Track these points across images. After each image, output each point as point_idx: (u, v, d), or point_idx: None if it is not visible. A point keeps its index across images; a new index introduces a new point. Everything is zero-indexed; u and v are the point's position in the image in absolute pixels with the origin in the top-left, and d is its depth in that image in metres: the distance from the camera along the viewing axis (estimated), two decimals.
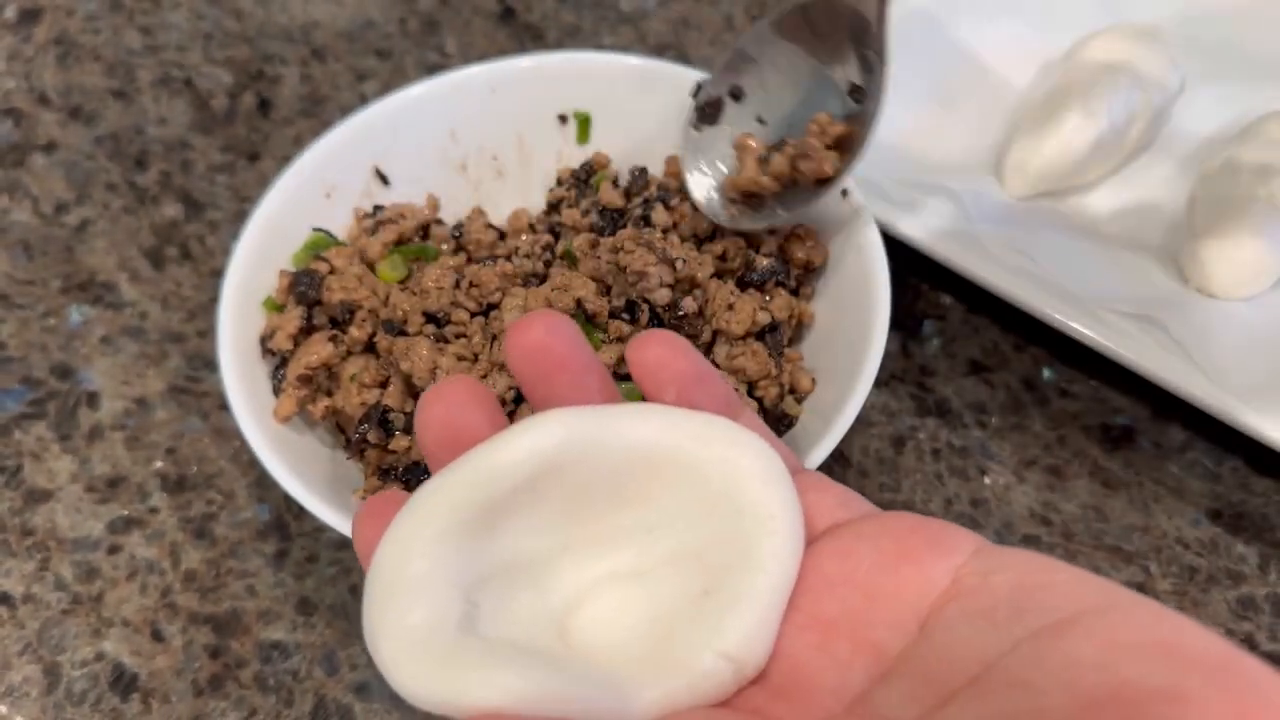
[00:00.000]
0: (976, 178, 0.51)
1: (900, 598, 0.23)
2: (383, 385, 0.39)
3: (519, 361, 0.26)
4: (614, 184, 0.44)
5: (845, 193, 0.42)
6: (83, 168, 0.54)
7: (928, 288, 0.51)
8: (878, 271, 0.40)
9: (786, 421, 0.40)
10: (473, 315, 0.40)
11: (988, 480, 0.46)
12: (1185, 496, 0.45)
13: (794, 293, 0.42)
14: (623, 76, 0.46)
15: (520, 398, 0.39)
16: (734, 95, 0.43)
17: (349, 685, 0.40)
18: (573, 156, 0.48)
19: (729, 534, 0.25)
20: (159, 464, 0.45)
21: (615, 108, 0.47)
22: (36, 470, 0.45)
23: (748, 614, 0.24)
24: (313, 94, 0.58)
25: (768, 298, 0.41)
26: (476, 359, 0.39)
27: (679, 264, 0.39)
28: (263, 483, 0.44)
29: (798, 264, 0.42)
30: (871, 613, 0.24)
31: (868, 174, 0.49)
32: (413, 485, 0.39)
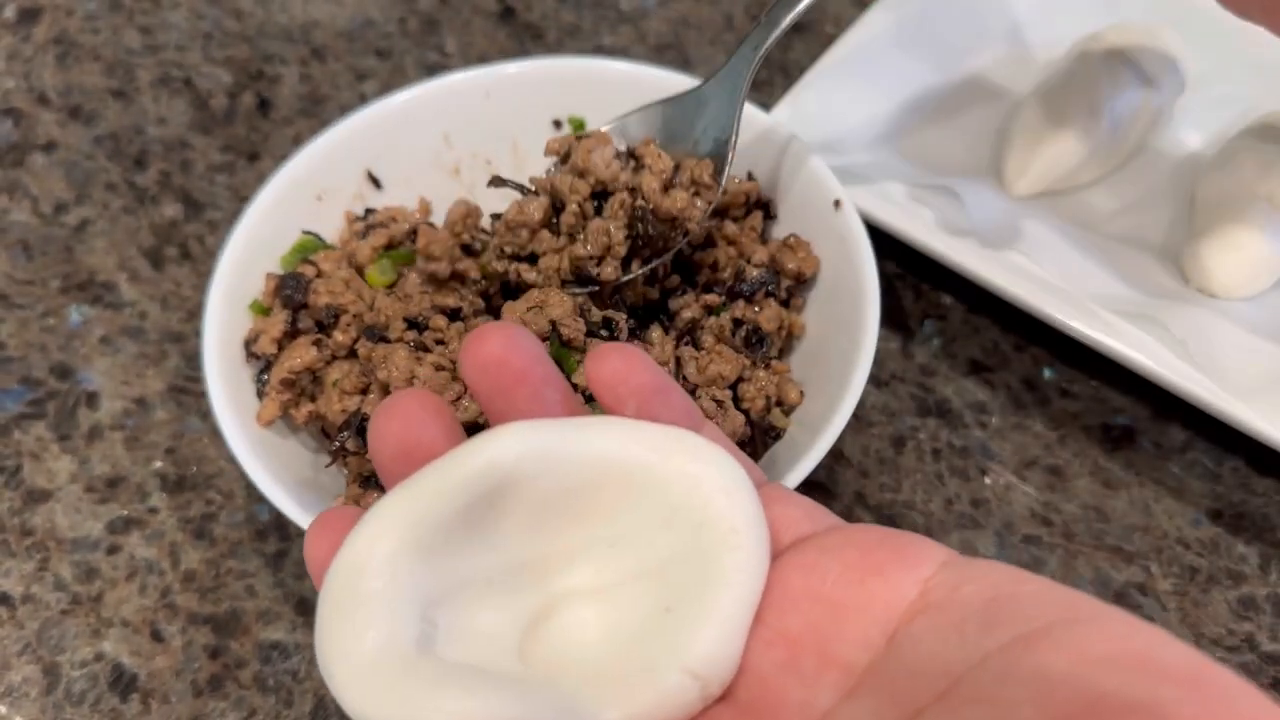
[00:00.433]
0: (977, 177, 0.51)
1: (867, 612, 0.23)
2: (364, 392, 0.39)
3: (475, 375, 0.25)
4: None
5: (838, 203, 0.42)
6: (82, 167, 0.54)
7: (928, 288, 0.51)
8: (868, 285, 0.39)
9: (774, 434, 0.40)
10: (450, 320, 0.40)
11: (988, 480, 0.46)
12: (1186, 496, 0.45)
13: (784, 304, 0.42)
14: (617, 82, 0.46)
15: None
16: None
17: None
18: None
19: (691, 548, 0.24)
20: (158, 464, 0.45)
21: (609, 114, 0.47)
22: (36, 470, 0.45)
23: (712, 630, 0.23)
24: (312, 94, 0.58)
25: (757, 308, 0.41)
26: (455, 368, 0.39)
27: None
28: None
29: (789, 275, 0.42)
30: (838, 628, 0.23)
31: (868, 174, 0.49)
32: None
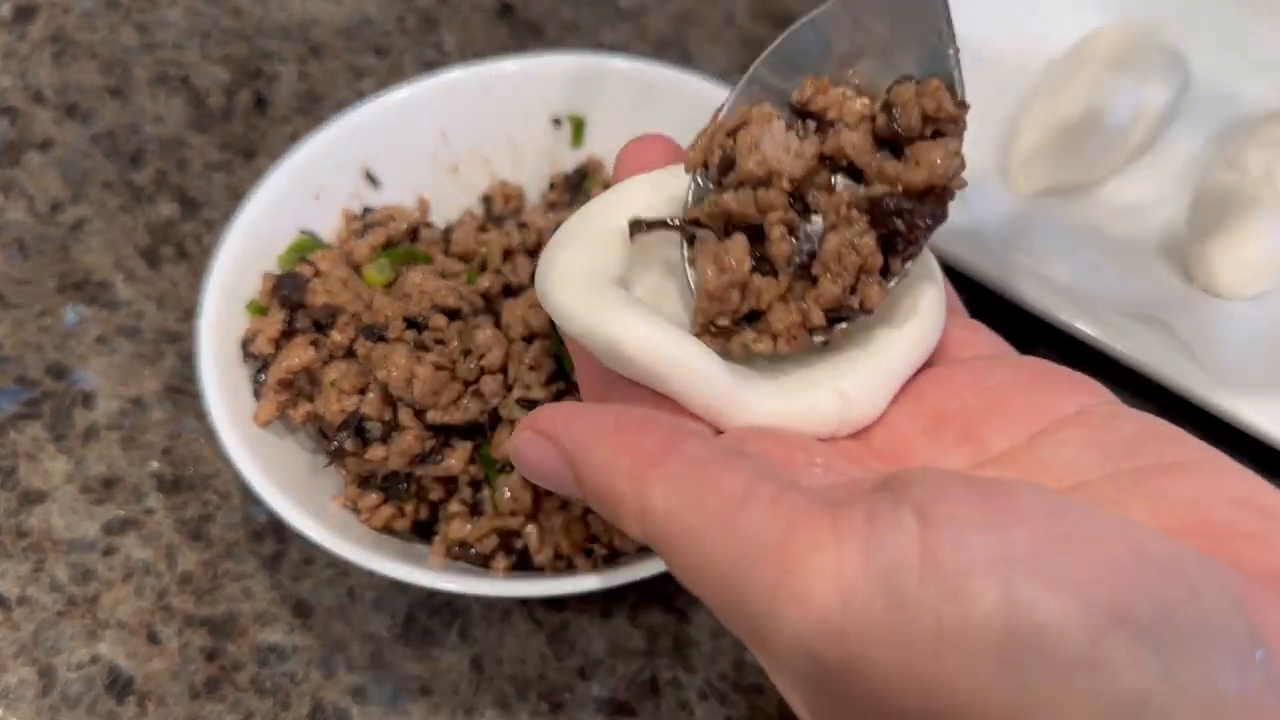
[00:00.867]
0: (980, 175, 0.51)
1: (1022, 411, 0.25)
2: (362, 392, 0.39)
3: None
4: (605, 189, 0.44)
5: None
6: (78, 166, 0.54)
7: None
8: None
9: None
10: (450, 319, 0.40)
11: None
12: None
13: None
14: (617, 79, 0.46)
15: (498, 418, 0.38)
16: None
17: (346, 688, 0.40)
18: (566, 160, 0.48)
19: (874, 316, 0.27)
20: (155, 465, 0.45)
21: (609, 111, 0.46)
22: (31, 471, 0.44)
23: (867, 368, 0.26)
24: (310, 92, 0.57)
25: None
26: (454, 367, 0.38)
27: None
28: None
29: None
30: (988, 415, 0.25)
31: None
32: (393, 494, 0.38)
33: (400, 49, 0.59)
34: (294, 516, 0.35)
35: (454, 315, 0.40)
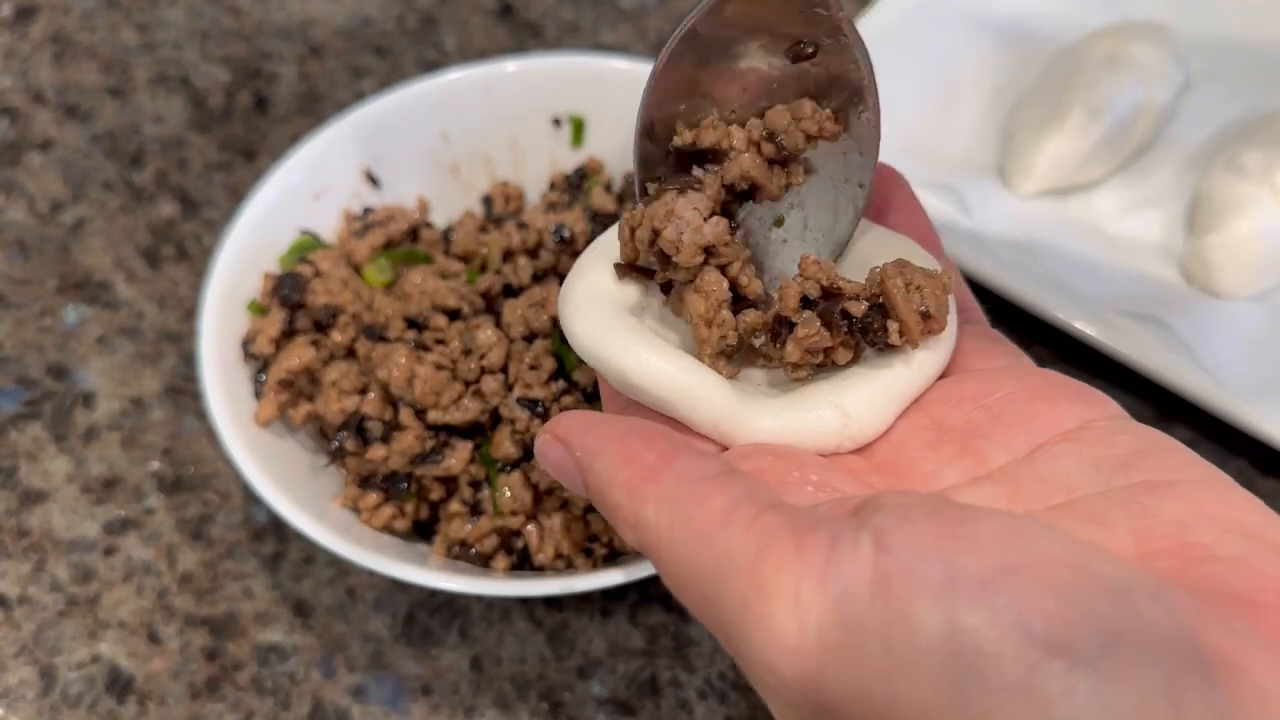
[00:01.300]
0: (979, 176, 0.51)
1: (1023, 425, 0.25)
2: (362, 392, 0.39)
3: None
4: (606, 189, 0.44)
5: None
6: (79, 166, 0.54)
7: None
8: None
9: None
10: (450, 319, 0.40)
11: None
12: None
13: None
14: (617, 80, 0.46)
15: (498, 418, 0.38)
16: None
17: (346, 688, 0.40)
18: (566, 160, 0.48)
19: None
20: (155, 465, 0.45)
21: (609, 111, 0.46)
22: (32, 471, 0.44)
23: (867, 389, 0.27)
24: (310, 92, 0.57)
25: None
26: (455, 367, 0.38)
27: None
28: None
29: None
30: (990, 429, 0.25)
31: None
32: (393, 494, 0.39)
33: (400, 49, 0.59)
34: (294, 516, 0.35)
35: (454, 315, 0.40)
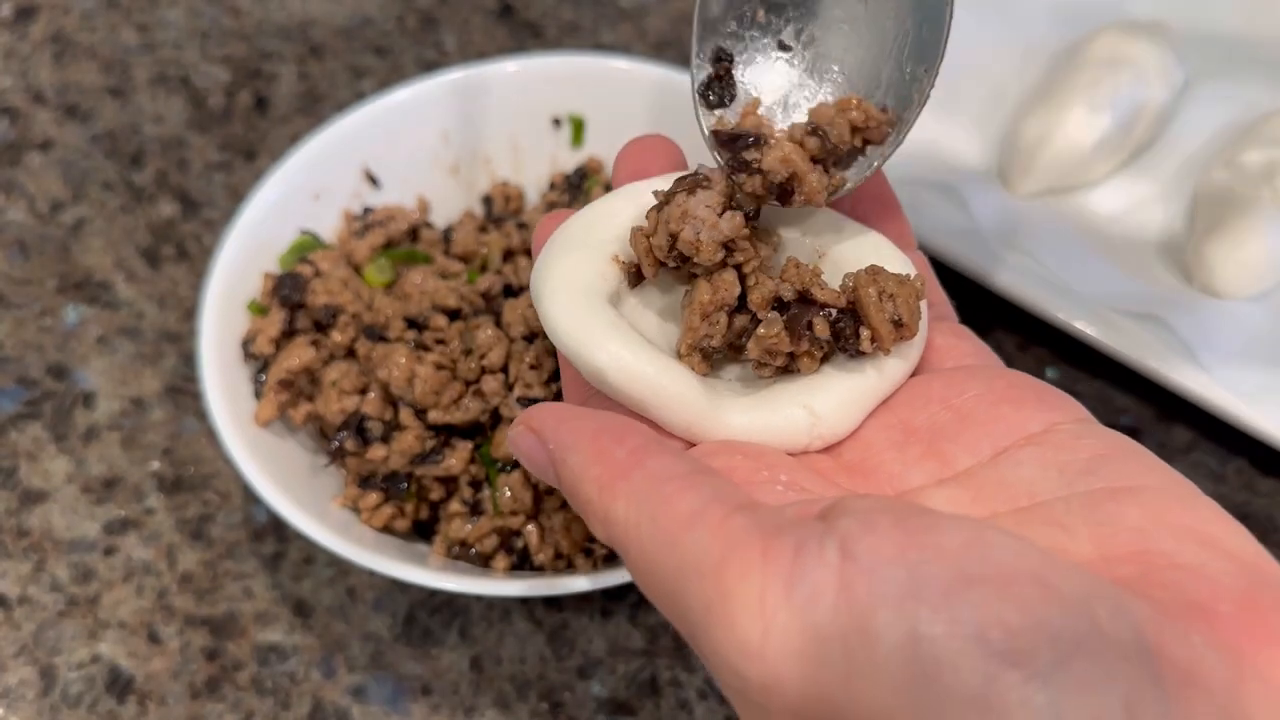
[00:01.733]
0: (979, 176, 0.51)
1: (988, 428, 0.25)
2: (362, 392, 0.39)
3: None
4: (606, 189, 0.44)
5: None
6: (79, 166, 0.54)
7: None
8: None
9: None
10: (450, 319, 0.40)
11: None
12: None
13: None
14: (616, 80, 0.46)
15: (498, 417, 0.38)
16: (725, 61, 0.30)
17: (346, 688, 0.40)
18: (566, 160, 0.48)
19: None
20: (155, 465, 0.45)
21: (609, 111, 0.46)
22: (32, 471, 0.44)
23: (839, 386, 0.27)
24: (310, 92, 0.57)
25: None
26: (455, 367, 0.38)
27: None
28: None
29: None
30: (955, 431, 0.25)
31: None
32: (393, 494, 0.39)
33: (400, 49, 0.59)
34: (294, 516, 0.35)
35: (454, 315, 0.40)
